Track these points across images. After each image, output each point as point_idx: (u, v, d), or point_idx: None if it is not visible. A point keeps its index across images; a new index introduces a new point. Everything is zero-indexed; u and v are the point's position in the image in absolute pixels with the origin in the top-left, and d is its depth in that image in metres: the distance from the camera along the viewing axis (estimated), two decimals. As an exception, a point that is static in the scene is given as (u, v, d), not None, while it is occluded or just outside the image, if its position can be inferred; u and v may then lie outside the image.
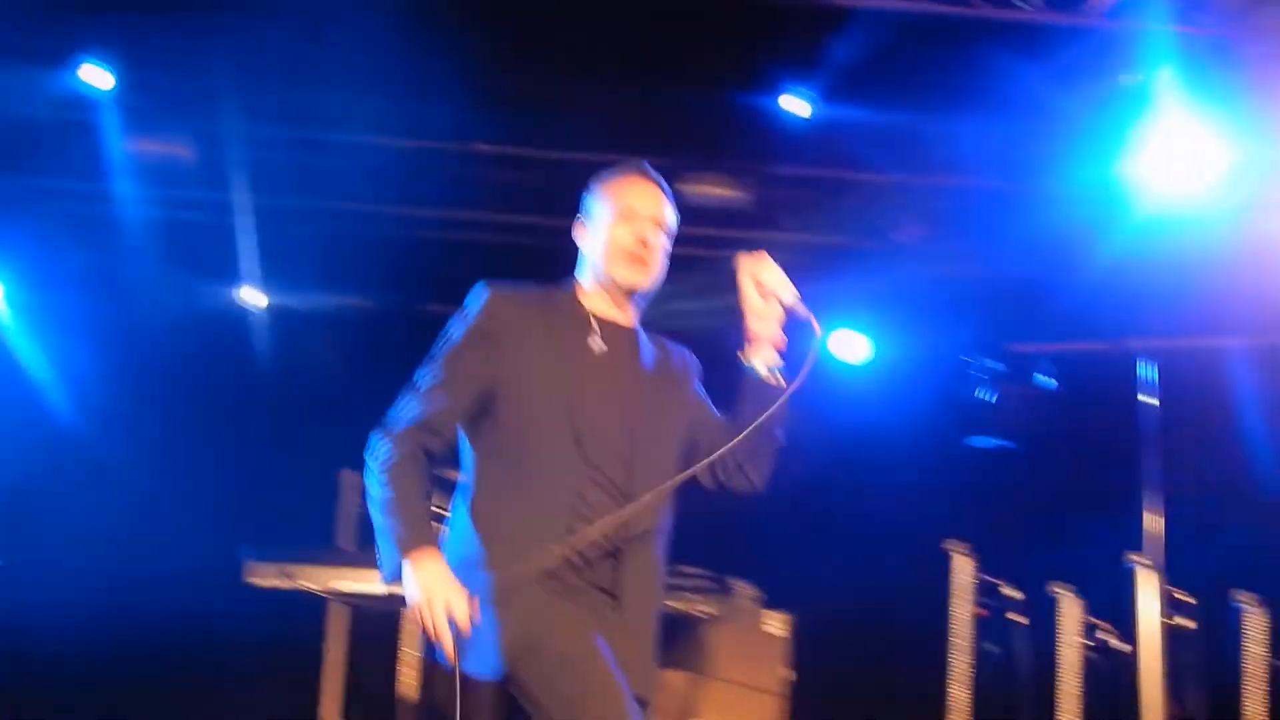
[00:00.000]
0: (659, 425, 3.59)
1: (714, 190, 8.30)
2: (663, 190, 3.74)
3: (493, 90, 7.70)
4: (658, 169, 8.47)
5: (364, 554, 7.04)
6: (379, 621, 7.20)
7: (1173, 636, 6.50)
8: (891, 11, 6.94)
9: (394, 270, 8.66)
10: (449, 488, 3.62)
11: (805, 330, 3.51)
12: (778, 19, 7.14)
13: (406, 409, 3.54)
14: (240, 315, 8.67)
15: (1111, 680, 6.53)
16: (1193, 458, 7.67)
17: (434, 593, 3.26)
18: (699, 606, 6.80)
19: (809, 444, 3.71)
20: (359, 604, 7.01)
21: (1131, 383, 7.61)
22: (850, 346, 8.94)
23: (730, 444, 3.51)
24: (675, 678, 6.70)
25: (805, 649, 7.07)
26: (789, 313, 3.57)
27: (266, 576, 6.69)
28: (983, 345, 8.81)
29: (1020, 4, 6.95)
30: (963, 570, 6.45)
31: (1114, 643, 6.57)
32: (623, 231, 3.63)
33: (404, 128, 8.23)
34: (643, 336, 3.71)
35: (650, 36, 7.27)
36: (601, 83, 7.59)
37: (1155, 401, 7.35)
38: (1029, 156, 8.18)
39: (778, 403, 3.52)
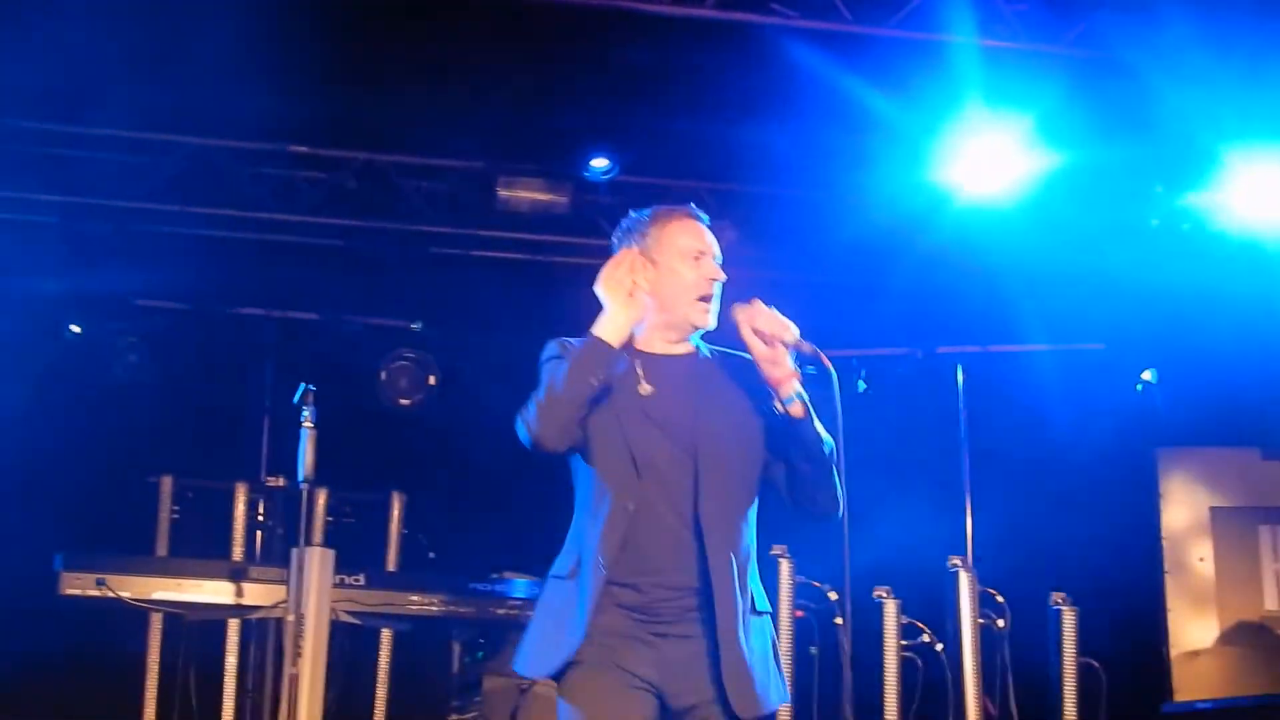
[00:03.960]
0: (723, 447, 3.70)
1: (533, 195, 8.29)
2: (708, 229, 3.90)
3: (306, 91, 7.62)
4: (475, 175, 8.50)
5: (182, 562, 6.93)
6: (201, 631, 7.08)
7: (985, 635, 6.65)
8: (699, 19, 6.98)
9: (207, 274, 8.51)
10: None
11: (816, 364, 3.75)
12: (584, 25, 7.15)
13: (532, 400, 3.66)
14: (53, 318, 8.42)
15: (933, 680, 6.65)
16: (1002, 461, 7.86)
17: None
18: (525, 611, 6.80)
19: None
20: (179, 614, 6.90)
21: (941, 387, 7.77)
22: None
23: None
24: (502, 684, 6.68)
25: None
26: (795, 351, 3.73)
27: (82, 587, 6.58)
28: (796, 351, 8.90)
29: (830, 13, 7.05)
30: (784, 573, 6.50)
31: (936, 645, 6.67)
32: (696, 275, 3.78)
33: (218, 127, 8.13)
34: (702, 360, 3.84)
35: (467, 43, 7.24)
36: (418, 85, 7.54)
37: (961, 405, 7.53)
38: (840, 163, 8.30)
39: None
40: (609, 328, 3.61)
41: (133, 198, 8.24)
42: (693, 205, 3.92)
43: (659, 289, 3.77)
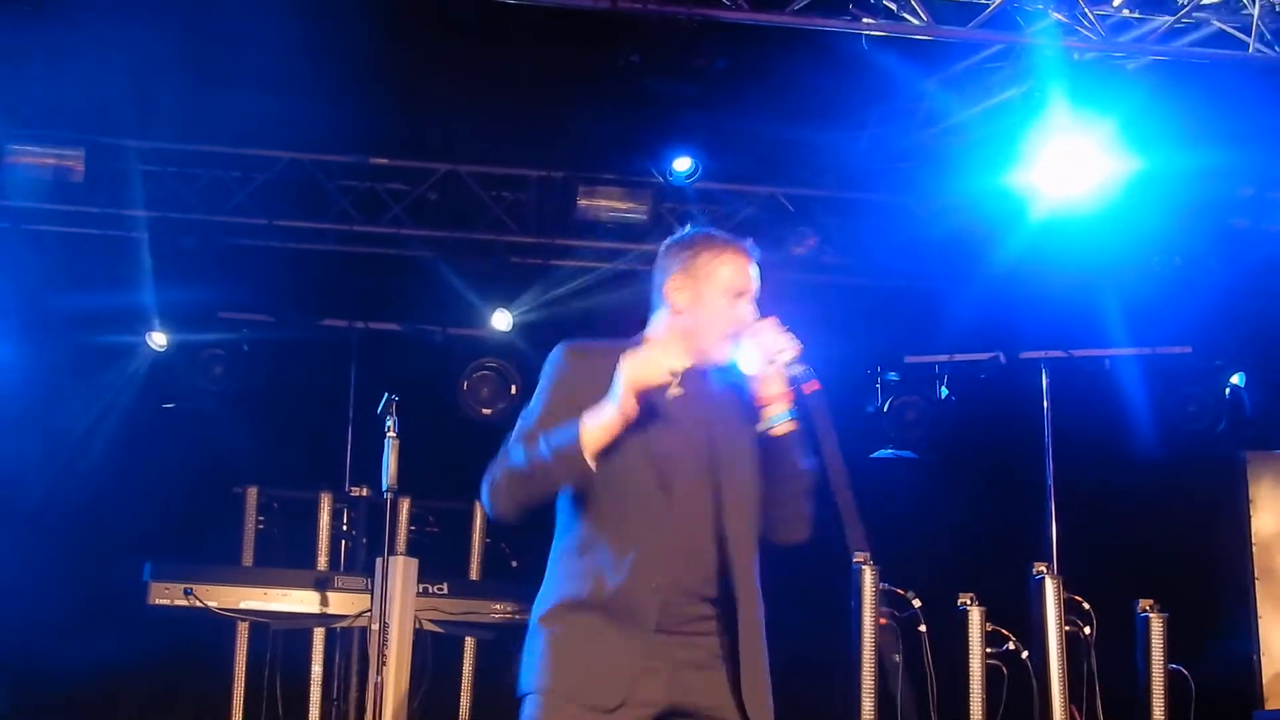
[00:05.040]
0: (738, 450, 3.63)
1: (612, 204, 8.31)
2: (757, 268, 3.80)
3: (390, 104, 7.70)
4: (556, 184, 8.53)
5: (268, 572, 7.01)
6: (288, 639, 7.15)
7: (1071, 642, 6.58)
8: (779, 26, 6.97)
9: (291, 285, 8.61)
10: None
11: (805, 389, 3.58)
12: (668, 33, 7.15)
13: (503, 456, 3.60)
14: (140, 331, 8.54)
15: (1018, 688, 6.58)
16: (1086, 466, 7.78)
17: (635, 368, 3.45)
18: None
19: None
20: (265, 622, 6.98)
21: (1025, 392, 7.71)
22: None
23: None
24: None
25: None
26: (789, 373, 3.60)
27: (170, 597, 6.67)
28: (879, 356, 8.88)
29: (908, 18, 7.01)
30: (868, 581, 6.46)
31: (1022, 653, 6.60)
32: (730, 312, 3.67)
33: (299, 141, 8.22)
34: (711, 374, 3.71)
35: (547, 53, 7.27)
36: (499, 96, 7.59)
37: (1046, 410, 7.47)
38: (920, 168, 8.27)
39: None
40: (603, 425, 3.45)
41: (218, 211, 8.35)
42: (750, 242, 3.82)
43: (692, 312, 3.69)
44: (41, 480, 8.21)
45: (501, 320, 8.75)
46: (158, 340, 8.53)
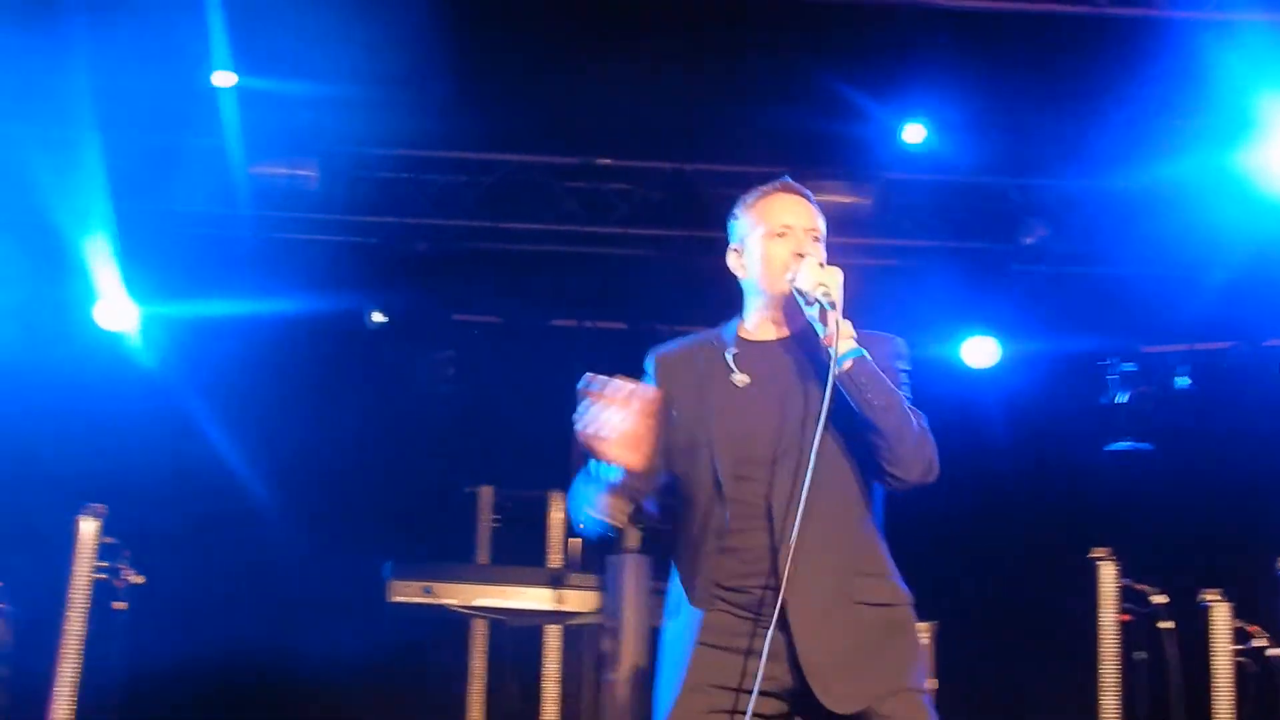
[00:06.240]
0: (809, 429, 3.40)
1: (835, 198, 8.25)
2: (809, 200, 3.69)
3: (616, 104, 7.77)
4: (778, 179, 8.51)
5: (504, 570, 7.15)
6: (521, 637, 7.27)
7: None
8: (1011, 13, 6.86)
9: (520, 287, 8.75)
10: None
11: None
12: (896, 24, 7.10)
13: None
14: (373, 336, 8.77)
15: (1266, 685, 6.37)
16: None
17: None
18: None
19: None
20: (501, 620, 7.11)
21: (1270, 381, 7.46)
22: (979, 352, 8.80)
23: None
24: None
25: (950, 657, 6.97)
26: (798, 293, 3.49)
27: (410, 594, 6.83)
28: (1115, 346, 8.68)
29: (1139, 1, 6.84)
30: (1107, 576, 6.31)
31: (1269, 649, 6.39)
32: (779, 249, 3.58)
33: (528, 144, 8.36)
34: (804, 342, 3.56)
35: (765, 48, 7.27)
36: (723, 94, 7.60)
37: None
38: (1155, 152, 8.05)
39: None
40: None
41: (449, 215, 8.53)
42: (787, 177, 3.72)
43: (750, 275, 3.63)
44: (282, 482, 8.48)
45: None
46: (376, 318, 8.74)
